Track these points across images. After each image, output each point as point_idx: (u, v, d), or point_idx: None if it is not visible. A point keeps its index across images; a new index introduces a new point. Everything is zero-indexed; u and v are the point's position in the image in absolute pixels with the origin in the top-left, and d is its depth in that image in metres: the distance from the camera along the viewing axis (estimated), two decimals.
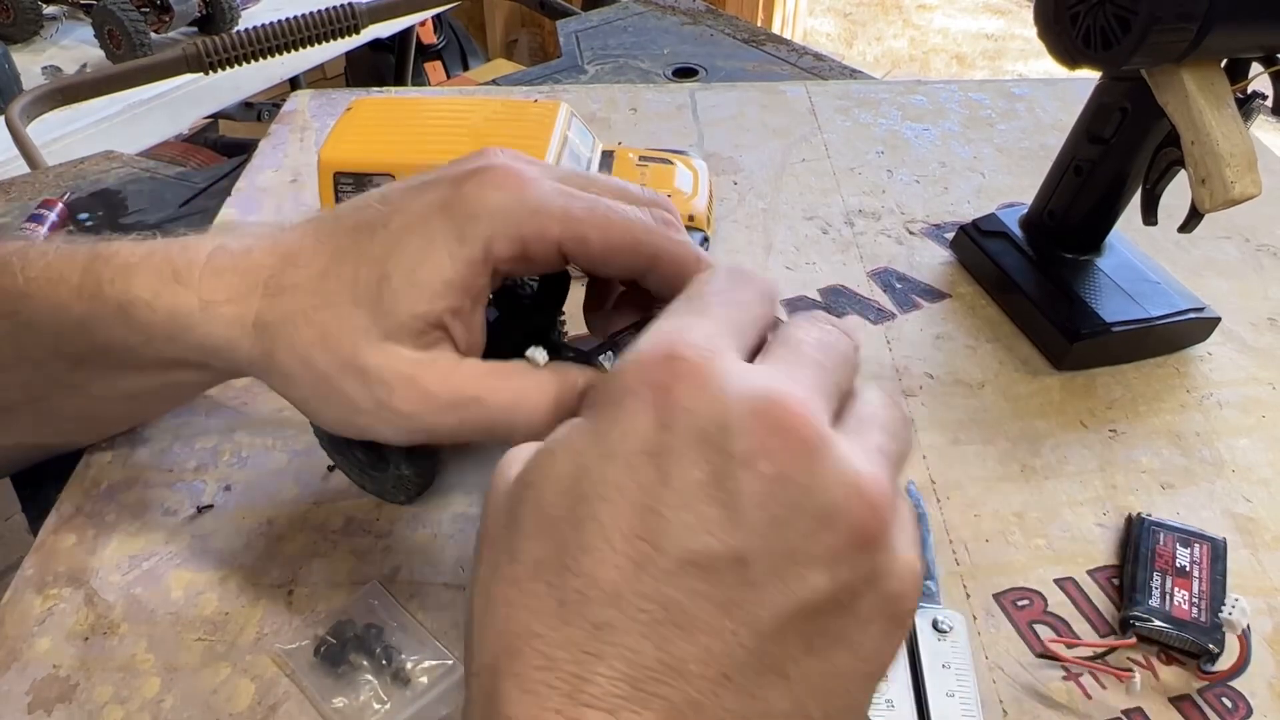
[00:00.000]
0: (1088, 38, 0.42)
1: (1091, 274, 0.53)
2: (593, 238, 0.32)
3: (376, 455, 0.40)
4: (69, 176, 0.72)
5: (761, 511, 0.22)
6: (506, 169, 0.33)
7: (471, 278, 0.33)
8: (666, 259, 0.33)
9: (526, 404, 0.32)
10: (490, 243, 0.32)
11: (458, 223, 0.32)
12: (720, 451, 0.22)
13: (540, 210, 0.32)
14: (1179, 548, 0.40)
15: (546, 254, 0.33)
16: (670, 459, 0.23)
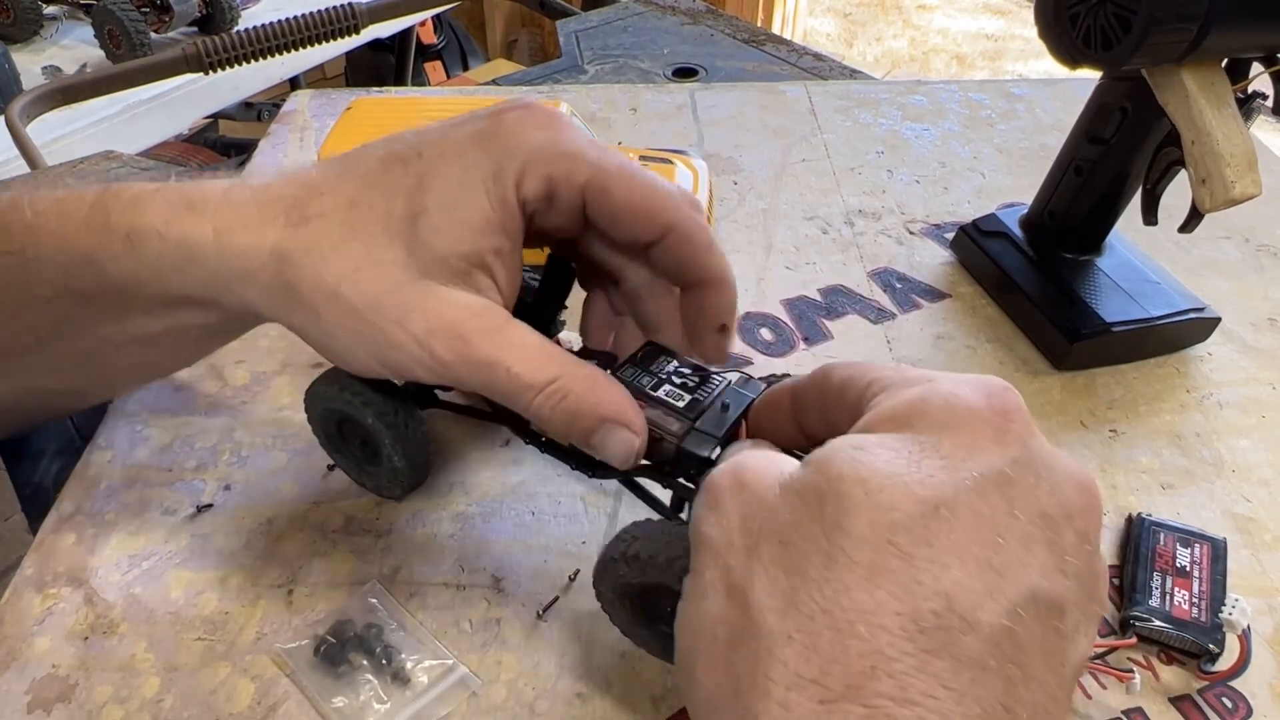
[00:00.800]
0: (1088, 38, 0.42)
1: (1092, 274, 0.53)
2: (616, 191, 0.32)
3: (371, 450, 0.40)
4: (69, 176, 0.72)
5: (1076, 563, 0.22)
6: (548, 110, 0.33)
7: (509, 216, 0.32)
8: (681, 232, 0.33)
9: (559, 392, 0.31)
10: (522, 178, 0.32)
11: (494, 156, 0.32)
12: (1052, 495, 0.22)
13: (572, 154, 0.32)
14: (1179, 548, 0.40)
15: (570, 199, 0.32)
16: (1016, 489, 0.22)
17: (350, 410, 0.38)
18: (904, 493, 0.22)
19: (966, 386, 0.24)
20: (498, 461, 0.45)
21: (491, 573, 0.40)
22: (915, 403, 0.24)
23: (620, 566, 0.32)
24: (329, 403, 0.39)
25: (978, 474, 0.22)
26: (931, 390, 0.24)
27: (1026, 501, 0.22)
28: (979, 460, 0.22)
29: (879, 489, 0.22)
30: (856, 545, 0.21)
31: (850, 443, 0.24)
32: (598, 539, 0.41)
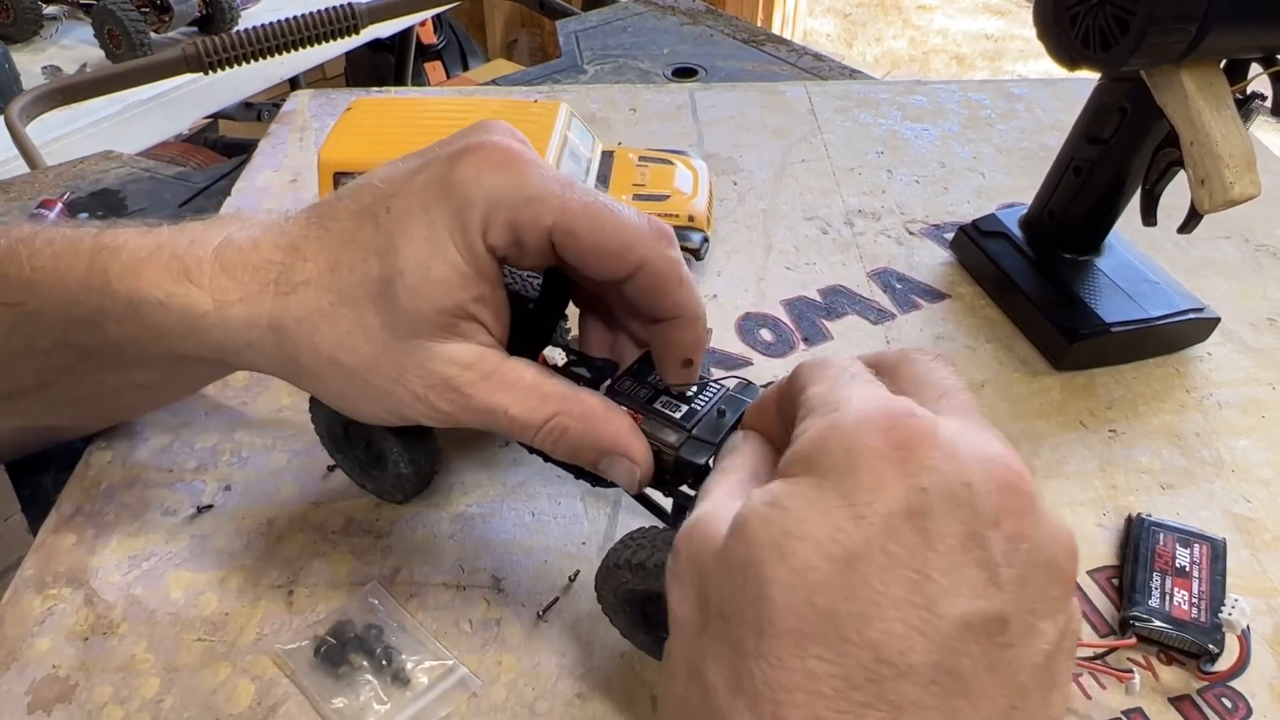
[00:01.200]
0: (1087, 39, 0.42)
1: (1091, 274, 0.53)
2: (582, 233, 0.32)
3: (376, 455, 0.40)
4: (68, 176, 0.72)
5: (1010, 570, 0.22)
6: (504, 149, 0.32)
7: (483, 264, 0.32)
8: (650, 269, 0.32)
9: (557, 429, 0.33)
10: (485, 228, 0.32)
11: (455, 207, 0.32)
12: (971, 512, 0.22)
13: (534, 198, 0.32)
14: (1179, 548, 0.40)
15: (538, 242, 0.32)
16: (929, 520, 0.22)
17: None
18: (816, 552, 0.22)
19: (867, 422, 0.23)
20: (498, 462, 0.45)
21: (491, 573, 0.40)
22: (817, 443, 0.24)
23: (624, 573, 0.32)
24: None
25: (885, 514, 0.22)
26: (832, 429, 0.24)
27: (943, 529, 0.22)
28: (883, 500, 0.22)
29: (792, 553, 0.22)
30: (780, 614, 0.22)
31: (763, 500, 0.24)
32: (598, 540, 0.41)
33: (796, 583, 0.22)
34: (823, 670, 0.21)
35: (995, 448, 0.24)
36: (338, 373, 0.33)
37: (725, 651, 0.23)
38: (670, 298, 0.33)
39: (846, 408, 0.24)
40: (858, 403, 0.24)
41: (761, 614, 0.22)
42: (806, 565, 0.22)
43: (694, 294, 0.34)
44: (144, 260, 0.35)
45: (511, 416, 0.32)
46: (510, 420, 0.32)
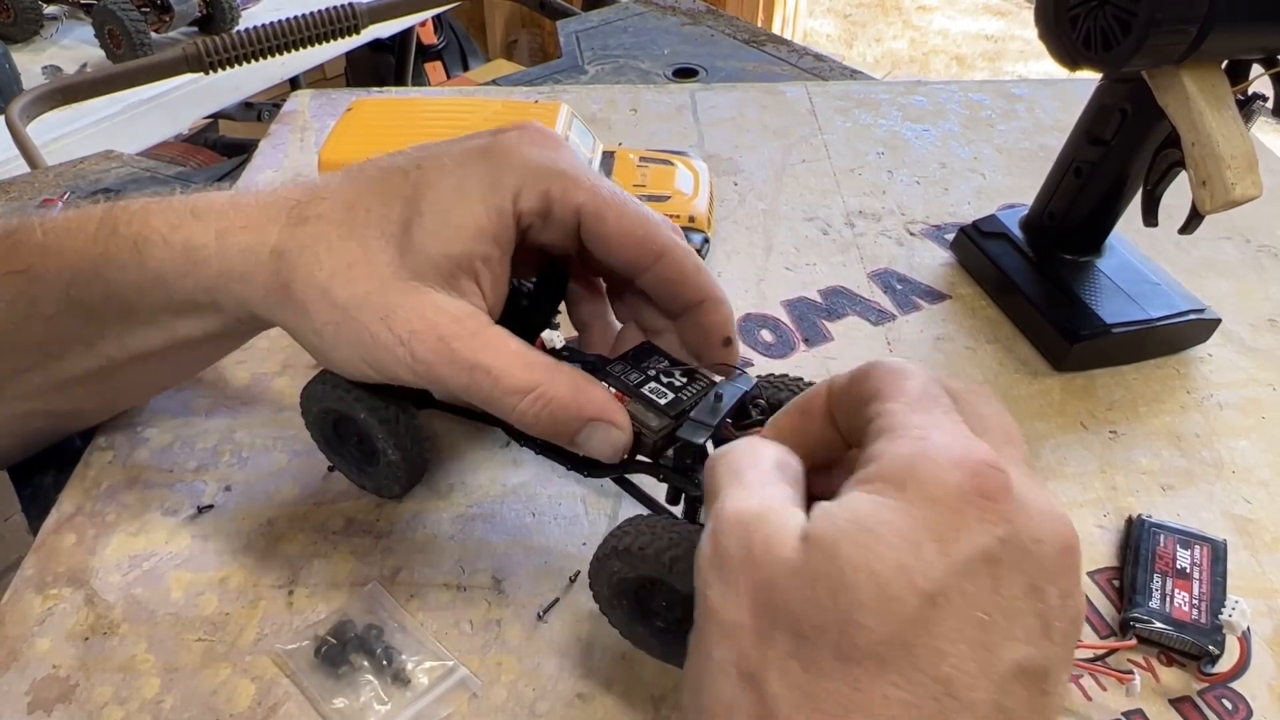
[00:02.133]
0: (1088, 39, 0.42)
1: (1092, 275, 0.53)
2: (610, 217, 0.33)
3: (369, 451, 0.40)
4: (69, 176, 0.72)
5: (1059, 625, 0.23)
6: (546, 131, 0.34)
7: (502, 226, 0.33)
8: (670, 259, 0.34)
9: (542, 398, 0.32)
10: (519, 192, 0.33)
11: (492, 168, 0.33)
12: (1036, 567, 0.24)
13: (570, 175, 0.33)
14: (1179, 549, 0.40)
15: (565, 218, 0.33)
16: (1001, 568, 0.23)
17: (343, 408, 0.38)
18: (909, 586, 0.23)
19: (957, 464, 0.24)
20: (498, 462, 0.45)
21: (492, 574, 0.40)
22: (907, 468, 0.24)
23: (613, 562, 0.32)
24: (323, 402, 0.39)
25: (966, 557, 0.23)
26: (924, 459, 0.24)
27: (1012, 578, 0.23)
28: (967, 542, 0.23)
29: (887, 582, 0.23)
30: (867, 639, 0.22)
31: (849, 518, 0.24)
32: (598, 540, 0.41)
33: (887, 613, 0.22)
34: (897, 696, 0.22)
35: (1058, 509, 0.25)
36: (325, 304, 0.33)
37: (794, 667, 0.23)
38: (693, 281, 0.35)
39: (935, 439, 0.25)
40: (947, 439, 0.25)
41: (848, 636, 0.23)
42: (899, 597, 0.22)
43: (712, 277, 0.35)
44: (153, 206, 0.35)
45: (495, 377, 0.32)
46: (493, 382, 0.32)
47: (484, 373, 0.32)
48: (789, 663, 0.23)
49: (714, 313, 0.35)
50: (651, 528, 0.32)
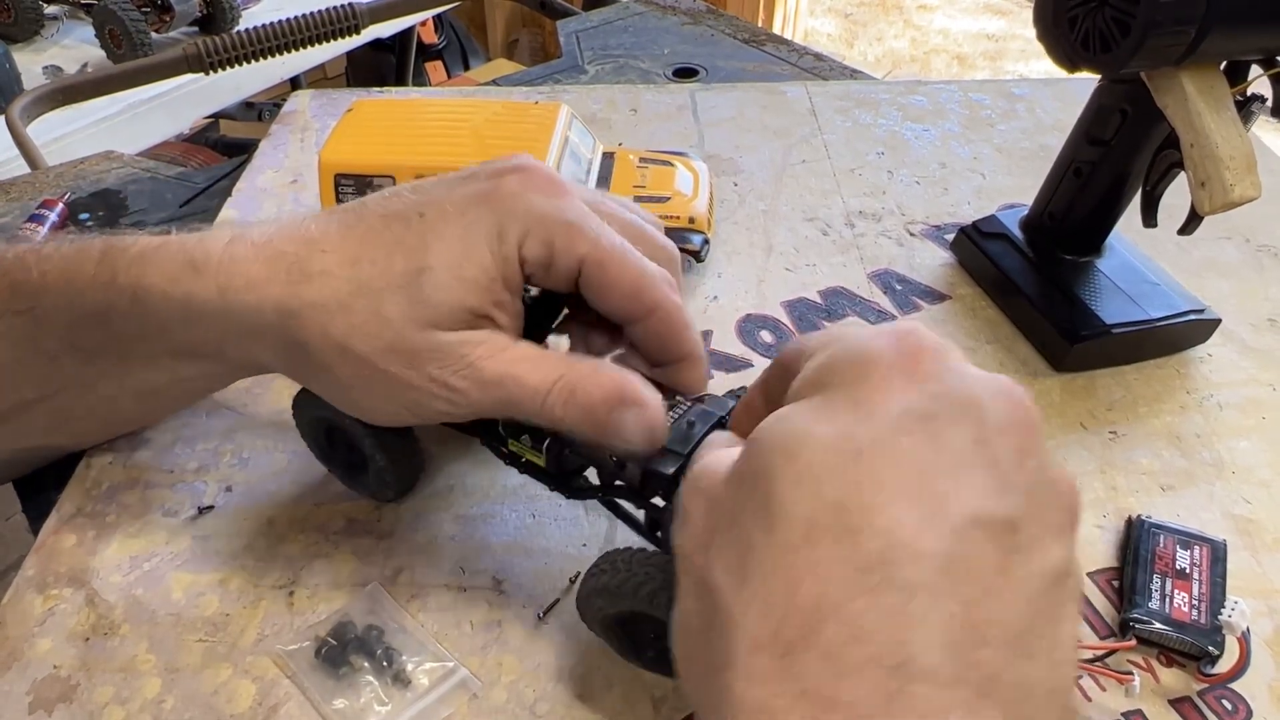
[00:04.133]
0: (1087, 40, 0.42)
1: (1092, 275, 0.53)
2: (611, 269, 0.33)
3: (360, 458, 0.40)
4: (69, 176, 0.72)
5: (1018, 478, 0.23)
6: (547, 174, 0.34)
7: (510, 272, 0.33)
8: (663, 311, 0.34)
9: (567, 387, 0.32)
10: (523, 240, 0.33)
11: (498, 217, 0.33)
12: (977, 421, 0.23)
13: (574, 225, 0.33)
14: (1179, 550, 0.40)
15: (567, 268, 0.34)
16: (938, 423, 0.23)
17: (330, 415, 0.38)
18: (824, 450, 0.22)
19: (875, 337, 0.24)
20: (498, 464, 0.45)
21: (492, 574, 0.40)
22: (826, 363, 0.25)
23: (596, 600, 0.33)
24: (314, 410, 0.39)
25: (895, 414, 0.23)
26: (841, 349, 0.25)
27: (951, 432, 0.22)
28: (893, 402, 0.23)
29: (798, 452, 0.22)
30: (789, 506, 0.22)
31: (774, 418, 0.24)
32: (598, 541, 0.41)
33: (805, 475, 0.22)
34: (832, 554, 0.21)
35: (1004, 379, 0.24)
36: (348, 360, 0.33)
37: (731, 554, 0.23)
38: (679, 338, 0.35)
39: (850, 334, 0.25)
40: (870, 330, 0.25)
41: (773, 510, 0.22)
42: (814, 462, 0.22)
43: (698, 336, 0.36)
44: (151, 252, 0.35)
45: (521, 381, 0.32)
46: (521, 386, 0.32)
47: (511, 379, 0.33)
48: (727, 553, 0.23)
49: (690, 372, 0.36)
50: (628, 563, 0.32)
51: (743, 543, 0.23)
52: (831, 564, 0.21)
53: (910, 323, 0.25)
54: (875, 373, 0.23)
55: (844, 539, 0.21)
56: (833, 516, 0.21)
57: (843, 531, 0.21)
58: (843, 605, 0.21)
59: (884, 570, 0.21)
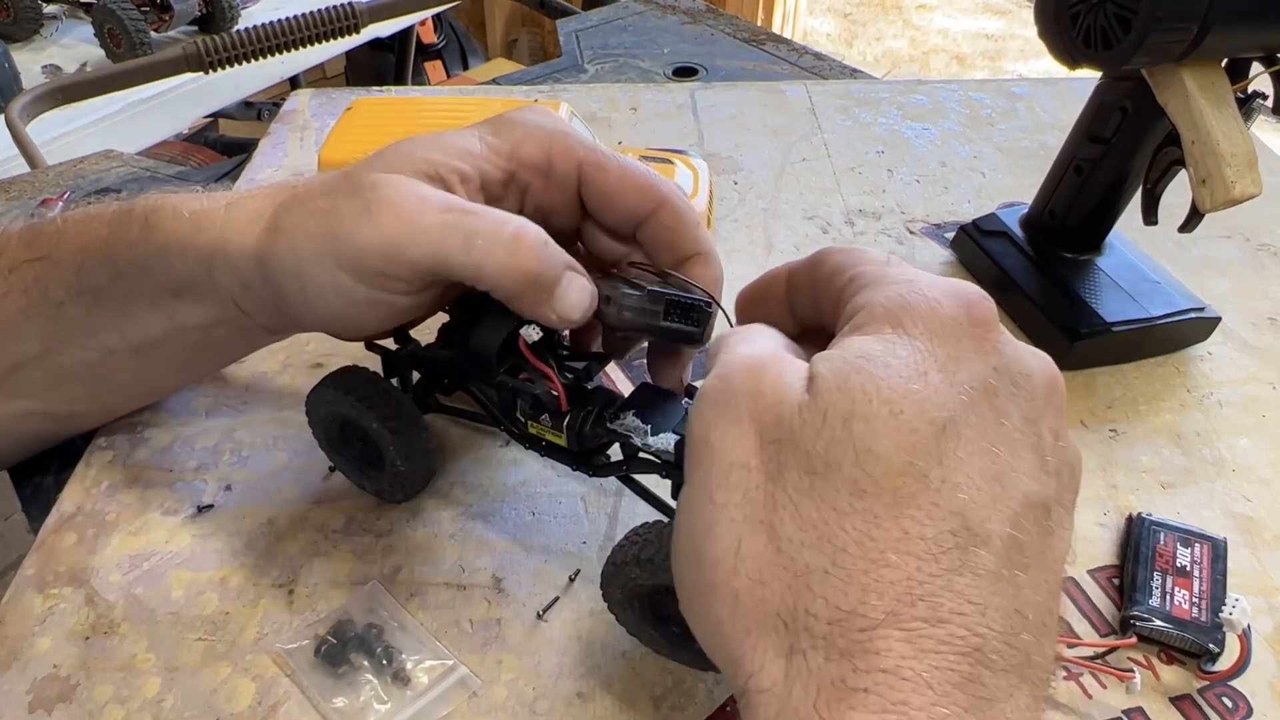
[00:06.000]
0: (1088, 37, 0.42)
1: (1092, 274, 0.53)
2: (611, 168, 0.34)
3: (374, 454, 0.40)
4: (69, 176, 0.72)
5: (1055, 460, 0.23)
6: (547, 109, 0.36)
7: (493, 161, 0.34)
8: (670, 208, 0.35)
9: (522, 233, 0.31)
10: (520, 143, 0.34)
11: (494, 126, 0.35)
12: (1029, 398, 0.23)
13: (570, 135, 0.34)
14: (1179, 547, 0.40)
15: (566, 172, 0.34)
16: (1001, 400, 0.23)
17: (353, 414, 0.38)
18: (921, 413, 0.22)
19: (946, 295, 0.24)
20: (498, 462, 0.45)
21: (492, 573, 0.40)
22: (903, 304, 0.24)
23: (632, 569, 0.32)
24: (331, 406, 0.39)
25: (969, 386, 0.22)
26: (915, 292, 0.24)
27: (1010, 409, 0.23)
28: (967, 371, 0.23)
29: (900, 410, 0.22)
30: (886, 473, 0.21)
31: (857, 353, 0.23)
32: (598, 539, 0.41)
33: (904, 442, 0.21)
34: (916, 531, 0.21)
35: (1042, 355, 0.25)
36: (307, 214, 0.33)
37: (809, 506, 0.22)
38: (690, 233, 0.35)
39: (922, 279, 0.25)
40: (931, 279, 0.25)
41: (866, 471, 0.21)
42: (914, 426, 0.21)
43: (709, 234, 0.36)
44: (170, 193, 0.38)
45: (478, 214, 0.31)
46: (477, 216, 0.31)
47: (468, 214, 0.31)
48: (803, 503, 0.22)
49: (705, 268, 0.36)
50: (665, 536, 0.32)
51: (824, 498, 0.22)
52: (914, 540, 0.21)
53: (973, 287, 0.25)
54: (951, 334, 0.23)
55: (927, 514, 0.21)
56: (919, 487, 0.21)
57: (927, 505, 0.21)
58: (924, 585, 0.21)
59: (959, 554, 0.21)
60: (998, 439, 0.22)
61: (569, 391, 0.35)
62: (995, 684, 0.20)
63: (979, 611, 0.20)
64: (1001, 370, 0.23)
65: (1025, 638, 0.21)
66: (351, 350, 0.43)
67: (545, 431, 0.36)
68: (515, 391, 0.36)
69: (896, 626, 0.20)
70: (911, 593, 0.21)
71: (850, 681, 0.20)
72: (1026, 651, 0.21)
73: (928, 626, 0.20)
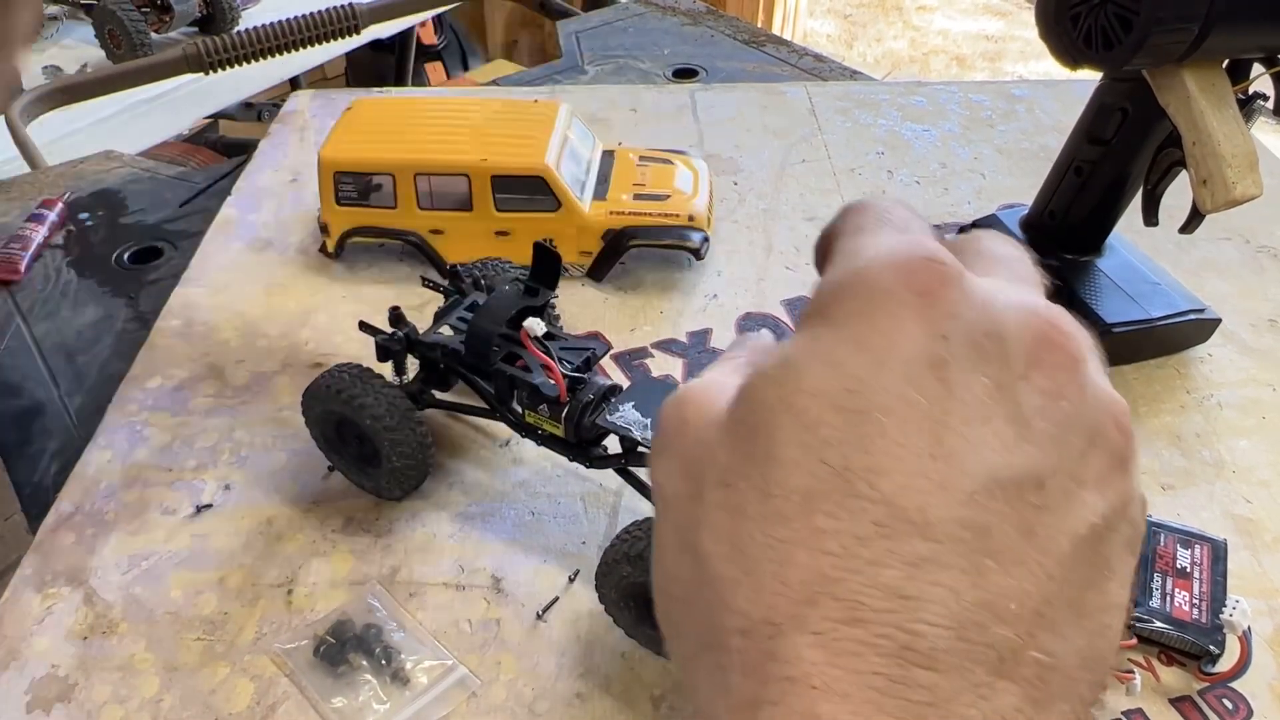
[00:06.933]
0: (1089, 38, 0.42)
1: (1092, 275, 0.53)
2: None
3: (370, 452, 0.40)
4: (69, 176, 0.72)
5: (1045, 426, 0.20)
6: None
7: None
8: None
9: None
10: None
11: None
12: (998, 363, 0.20)
13: None
14: (1179, 549, 0.40)
15: None
16: (952, 369, 0.20)
17: (348, 413, 0.38)
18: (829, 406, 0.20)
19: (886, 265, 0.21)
20: (498, 462, 0.45)
21: (491, 573, 0.40)
22: (833, 291, 0.22)
23: (624, 567, 0.32)
24: (325, 404, 0.39)
25: (904, 361, 0.20)
26: (850, 275, 0.22)
27: (968, 379, 0.20)
28: (904, 347, 0.20)
29: (804, 410, 0.20)
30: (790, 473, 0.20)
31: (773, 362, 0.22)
32: (597, 539, 0.41)
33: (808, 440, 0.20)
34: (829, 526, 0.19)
35: (1039, 302, 0.22)
36: None
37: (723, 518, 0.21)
38: None
39: (869, 254, 0.22)
40: (883, 249, 0.22)
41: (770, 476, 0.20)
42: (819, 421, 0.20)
43: None
44: None
45: None
46: None
47: None
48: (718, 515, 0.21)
49: None
50: None
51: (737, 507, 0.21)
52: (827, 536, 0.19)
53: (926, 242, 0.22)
54: (885, 309, 0.21)
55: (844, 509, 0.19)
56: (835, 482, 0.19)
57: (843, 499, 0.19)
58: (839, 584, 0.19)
59: (884, 544, 0.19)
60: (946, 415, 0.20)
61: (568, 382, 0.35)
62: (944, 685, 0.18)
63: (912, 606, 0.19)
64: (956, 336, 0.21)
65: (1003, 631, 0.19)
66: (351, 352, 0.43)
67: (543, 421, 0.36)
68: (514, 381, 0.36)
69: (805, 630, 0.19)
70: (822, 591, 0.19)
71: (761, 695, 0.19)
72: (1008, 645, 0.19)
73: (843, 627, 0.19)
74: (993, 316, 0.21)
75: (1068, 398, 0.21)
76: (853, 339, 0.21)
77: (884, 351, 0.20)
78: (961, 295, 0.21)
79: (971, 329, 0.21)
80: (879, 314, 0.21)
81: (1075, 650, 0.20)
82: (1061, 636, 0.19)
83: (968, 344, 0.20)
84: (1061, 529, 0.20)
